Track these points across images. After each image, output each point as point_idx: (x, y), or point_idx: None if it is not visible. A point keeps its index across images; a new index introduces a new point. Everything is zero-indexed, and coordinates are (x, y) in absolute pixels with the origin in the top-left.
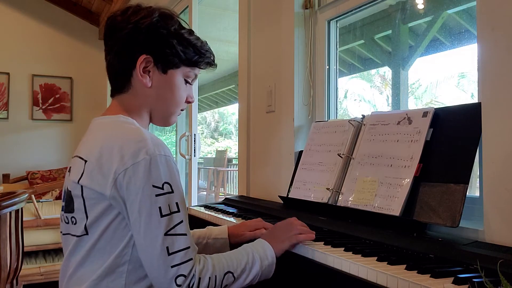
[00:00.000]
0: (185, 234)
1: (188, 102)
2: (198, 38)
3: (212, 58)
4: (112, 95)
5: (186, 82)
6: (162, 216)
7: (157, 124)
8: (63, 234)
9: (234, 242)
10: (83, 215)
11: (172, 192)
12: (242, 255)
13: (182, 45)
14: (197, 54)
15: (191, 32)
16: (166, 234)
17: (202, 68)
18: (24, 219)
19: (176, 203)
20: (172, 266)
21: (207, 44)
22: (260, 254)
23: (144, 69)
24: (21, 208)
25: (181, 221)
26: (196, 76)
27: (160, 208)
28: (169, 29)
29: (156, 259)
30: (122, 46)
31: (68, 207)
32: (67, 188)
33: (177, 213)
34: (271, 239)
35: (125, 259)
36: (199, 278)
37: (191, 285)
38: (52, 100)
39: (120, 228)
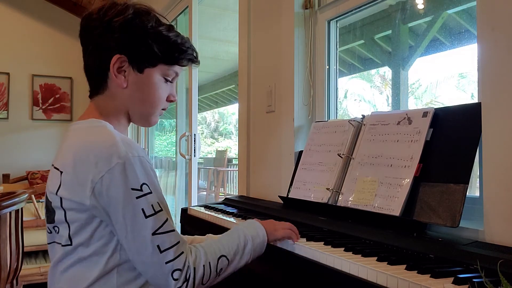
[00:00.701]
0: (173, 230)
1: (169, 101)
2: (178, 35)
3: (194, 54)
4: (90, 97)
5: (166, 80)
6: (146, 217)
7: (138, 124)
8: (49, 244)
9: None
10: (65, 225)
11: (151, 192)
12: (234, 237)
13: (159, 43)
14: (176, 51)
15: (170, 28)
16: (154, 233)
17: (183, 65)
18: (24, 219)
19: (158, 203)
20: (167, 262)
21: (188, 40)
22: (251, 233)
23: (119, 69)
24: (21, 208)
25: (167, 219)
26: (177, 74)
27: (143, 209)
28: (144, 27)
29: (150, 259)
30: (95, 46)
31: (49, 218)
32: (47, 198)
33: (161, 211)
34: (265, 224)
35: (115, 264)
36: (194, 268)
37: (187, 277)
38: (52, 100)
39: (105, 235)
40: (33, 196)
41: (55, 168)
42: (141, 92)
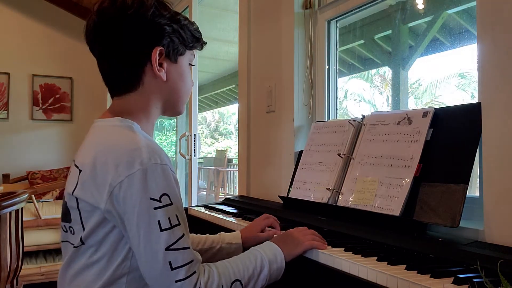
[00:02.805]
0: (188, 248)
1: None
2: (190, 22)
3: (203, 38)
4: (115, 96)
5: (190, 65)
6: (162, 230)
7: (168, 116)
8: (62, 241)
9: (248, 246)
10: (80, 226)
11: (171, 204)
12: (250, 260)
13: (183, 30)
14: (194, 37)
15: (182, 15)
16: (168, 249)
17: (199, 49)
18: (24, 219)
19: (176, 216)
20: (177, 281)
21: (195, 23)
22: (269, 257)
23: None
24: (21, 208)
25: (183, 235)
26: (194, 57)
27: (159, 222)
28: (171, 15)
29: (159, 274)
30: (128, 42)
31: (66, 217)
32: (64, 197)
33: (178, 226)
34: (282, 244)
35: (124, 271)
36: None
37: None
38: (52, 100)
39: (117, 240)
40: (33, 196)
41: (75, 165)
42: (177, 83)
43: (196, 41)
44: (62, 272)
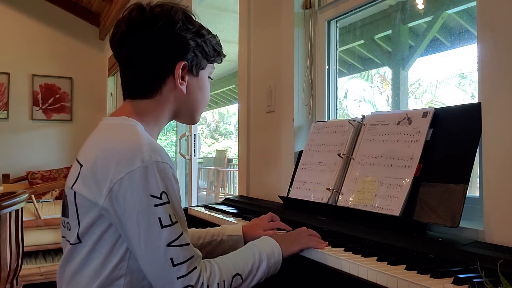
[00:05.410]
0: (188, 244)
1: None
2: (213, 35)
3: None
4: (129, 98)
5: (209, 78)
6: (163, 227)
7: (183, 123)
8: (62, 237)
9: (249, 240)
10: (76, 222)
11: (169, 202)
12: (248, 255)
13: (206, 45)
14: (216, 51)
15: (206, 29)
16: (169, 245)
17: (219, 63)
18: (24, 219)
19: (175, 213)
20: (178, 278)
21: (217, 36)
22: (267, 252)
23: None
24: (21, 208)
25: (182, 232)
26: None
27: (160, 219)
28: (195, 31)
29: (161, 271)
30: (154, 53)
31: (65, 211)
32: (64, 192)
33: (177, 223)
34: (280, 239)
35: (121, 273)
36: (208, 286)
37: None
38: (52, 100)
39: (113, 240)
40: (33, 196)
41: (77, 161)
42: (196, 95)
43: (217, 55)
44: (60, 271)
